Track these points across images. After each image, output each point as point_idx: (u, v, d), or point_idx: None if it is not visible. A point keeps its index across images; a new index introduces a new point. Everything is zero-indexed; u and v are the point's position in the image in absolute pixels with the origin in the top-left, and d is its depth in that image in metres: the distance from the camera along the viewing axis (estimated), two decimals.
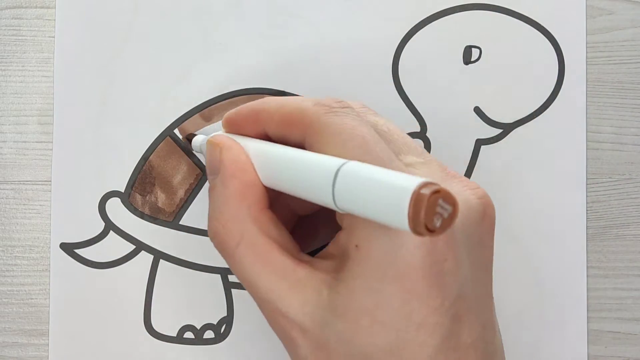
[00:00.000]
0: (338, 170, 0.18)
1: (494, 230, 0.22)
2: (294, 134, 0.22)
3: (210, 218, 0.23)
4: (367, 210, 0.17)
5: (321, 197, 0.19)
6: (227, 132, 0.25)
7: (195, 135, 0.28)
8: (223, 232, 0.22)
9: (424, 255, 0.19)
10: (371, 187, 0.17)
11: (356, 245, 0.20)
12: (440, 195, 0.16)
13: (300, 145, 0.22)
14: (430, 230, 0.16)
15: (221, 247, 0.23)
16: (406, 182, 0.16)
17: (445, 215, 0.16)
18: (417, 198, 0.16)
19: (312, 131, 0.22)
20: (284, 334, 0.22)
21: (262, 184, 0.22)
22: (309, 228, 0.26)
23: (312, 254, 0.23)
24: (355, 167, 0.18)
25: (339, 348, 0.20)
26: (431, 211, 0.16)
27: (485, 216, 0.21)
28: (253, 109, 0.24)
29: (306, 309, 0.21)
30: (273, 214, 0.23)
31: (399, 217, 0.16)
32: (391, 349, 0.19)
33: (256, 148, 0.23)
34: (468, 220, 0.21)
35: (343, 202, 0.18)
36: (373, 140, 0.21)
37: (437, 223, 0.16)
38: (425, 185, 0.16)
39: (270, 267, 0.21)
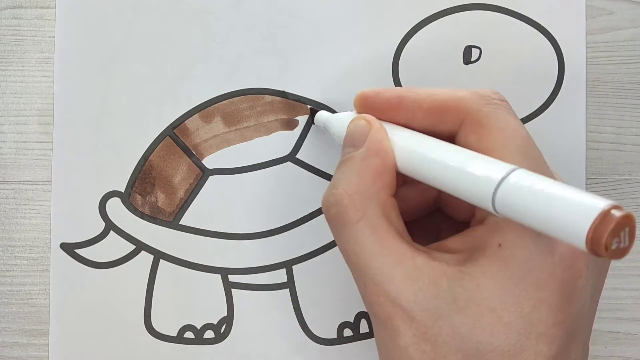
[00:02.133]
0: (506, 175, 0.18)
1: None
2: (447, 123, 0.22)
3: (336, 186, 0.22)
4: (535, 221, 0.17)
5: (477, 197, 0.19)
6: (359, 112, 0.25)
7: (317, 110, 0.29)
8: (348, 202, 0.21)
9: (566, 268, 0.19)
10: (546, 200, 0.17)
11: (499, 244, 0.20)
12: (628, 221, 0.16)
13: (450, 136, 0.22)
14: (606, 251, 0.16)
15: (339, 217, 0.22)
16: (594, 201, 0.16)
17: (622, 245, 0.16)
18: (604, 217, 0.16)
19: (471, 122, 0.21)
20: (385, 319, 0.21)
21: (396, 171, 0.22)
22: (422, 225, 0.26)
23: None
24: (527, 177, 0.18)
25: (450, 342, 0.20)
26: (615, 233, 0.16)
27: None
28: (397, 94, 0.23)
29: (419, 298, 0.20)
30: (396, 202, 0.22)
31: (576, 231, 0.16)
32: (509, 351, 0.19)
33: (402, 135, 0.23)
34: None
35: (505, 208, 0.18)
36: (533, 145, 0.20)
37: (614, 247, 0.16)
38: (616, 207, 0.16)
39: (388, 249, 0.21)
